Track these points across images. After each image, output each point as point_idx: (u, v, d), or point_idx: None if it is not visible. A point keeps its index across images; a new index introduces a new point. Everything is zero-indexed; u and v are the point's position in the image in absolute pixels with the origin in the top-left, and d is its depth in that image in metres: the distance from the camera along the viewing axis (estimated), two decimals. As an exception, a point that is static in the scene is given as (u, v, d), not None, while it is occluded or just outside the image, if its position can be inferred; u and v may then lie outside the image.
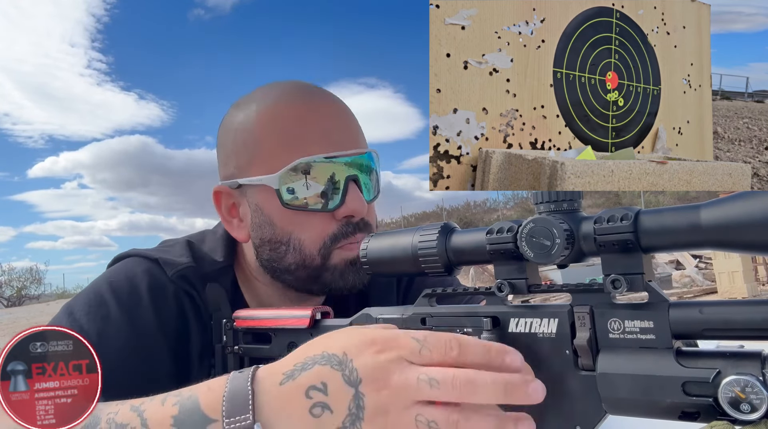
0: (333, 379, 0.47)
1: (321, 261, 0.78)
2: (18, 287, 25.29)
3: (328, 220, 0.78)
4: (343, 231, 0.78)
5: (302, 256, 0.78)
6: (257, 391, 0.49)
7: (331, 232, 0.78)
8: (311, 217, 0.77)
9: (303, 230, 0.78)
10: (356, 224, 0.78)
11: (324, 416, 0.47)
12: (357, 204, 0.77)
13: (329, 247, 0.78)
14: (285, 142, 0.77)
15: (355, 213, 0.77)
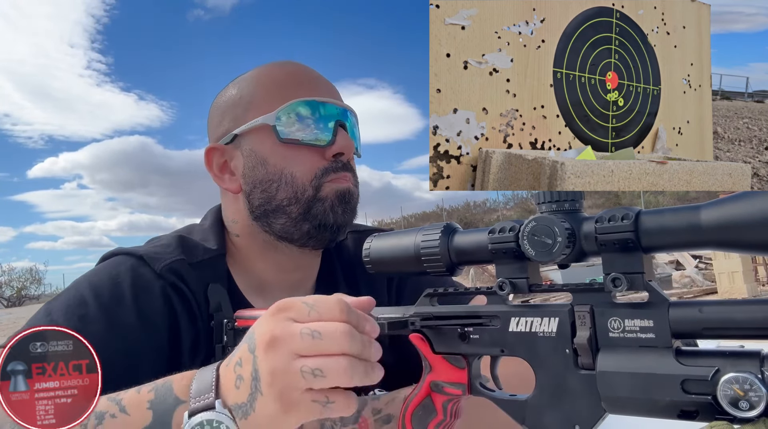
0: (243, 351, 0.53)
1: (313, 192, 0.83)
2: (18, 287, 25.29)
3: (319, 156, 0.83)
4: (333, 166, 0.84)
5: (294, 188, 0.83)
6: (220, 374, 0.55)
7: (322, 166, 0.83)
8: (303, 152, 0.83)
9: (295, 164, 0.83)
10: (345, 163, 0.85)
11: (241, 386, 0.52)
12: (346, 142, 0.84)
13: (320, 179, 0.83)
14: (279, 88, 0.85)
15: (344, 150, 0.84)
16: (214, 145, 0.87)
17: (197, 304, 0.80)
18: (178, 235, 0.87)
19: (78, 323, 0.73)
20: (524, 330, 0.51)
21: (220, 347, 0.79)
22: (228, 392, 0.53)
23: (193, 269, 0.81)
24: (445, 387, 0.57)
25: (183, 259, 0.81)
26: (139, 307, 0.77)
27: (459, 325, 0.55)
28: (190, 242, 0.85)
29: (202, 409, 0.52)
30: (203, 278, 0.82)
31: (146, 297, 0.77)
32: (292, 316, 0.52)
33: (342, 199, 0.84)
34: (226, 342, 0.79)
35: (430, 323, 0.58)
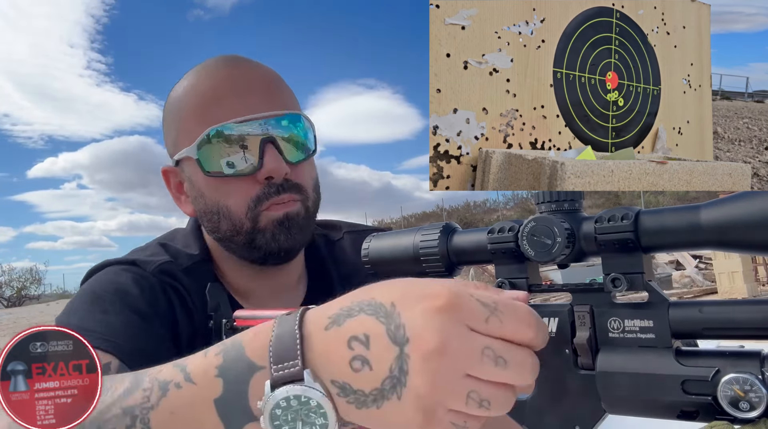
0: (377, 333, 0.41)
1: (251, 224, 0.79)
2: (18, 287, 25.29)
3: (250, 183, 0.78)
4: (267, 192, 0.78)
5: (232, 222, 0.79)
6: (305, 334, 0.44)
7: (254, 195, 0.78)
8: (233, 183, 0.78)
9: (228, 197, 0.79)
10: (280, 185, 0.79)
11: (363, 372, 0.41)
12: (274, 165, 0.77)
13: (255, 210, 0.78)
14: (200, 112, 0.79)
15: (273, 173, 0.78)
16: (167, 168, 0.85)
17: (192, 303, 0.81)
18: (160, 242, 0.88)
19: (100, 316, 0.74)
20: None
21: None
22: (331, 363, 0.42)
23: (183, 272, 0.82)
24: (445, 387, 0.57)
25: (172, 261, 0.82)
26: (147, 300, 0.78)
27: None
28: (172, 249, 0.85)
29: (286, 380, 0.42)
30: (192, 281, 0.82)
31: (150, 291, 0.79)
32: (467, 320, 0.40)
33: (283, 226, 0.79)
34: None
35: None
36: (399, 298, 0.42)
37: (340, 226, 1.00)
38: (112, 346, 0.70)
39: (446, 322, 0.40)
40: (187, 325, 0.80)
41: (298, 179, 0.81)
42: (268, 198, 0.78)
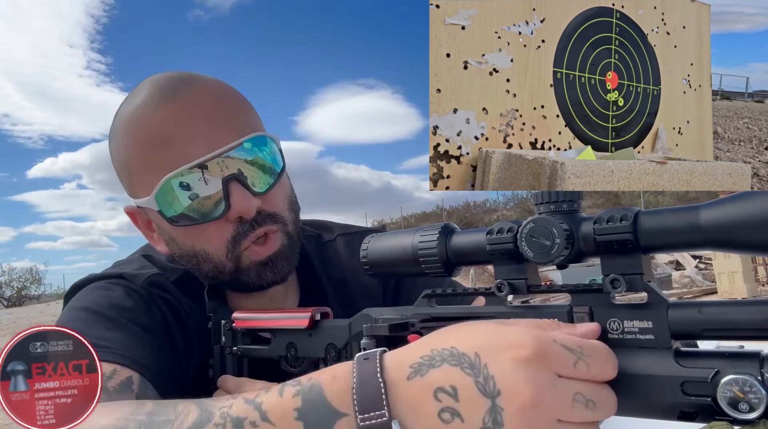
0: (465, 385, 0.41)
1: (233, 265, 0.75)
2: (18, 287, 25.29)
3: (222, 225, 0.73)
4: (241, 230, 0.74)
5: (214, 264, 0.76)
6: (388, 383, 0.43)
7: (229, 236, 0.74)
8: (204, 228, 0.73)
9: (202, 242, 0.75)
10: (254, 220, 0.74)
11: (454, 423, 0.41)
12: (243, 205, 0.72)
13: (235, 251, 0.74)
14: (150, 158, 0.73)
15: (243, 213, 0.72)
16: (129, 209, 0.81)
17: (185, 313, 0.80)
18: (144, 254, 0.86)
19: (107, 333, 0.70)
20: None
21: (218, 348, 0.80)
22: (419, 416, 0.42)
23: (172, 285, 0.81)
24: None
25: (161, 274, 0.80)
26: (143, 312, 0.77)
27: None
28: (157, 261, 0.83)
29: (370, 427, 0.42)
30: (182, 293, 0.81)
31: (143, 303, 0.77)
32: (556, 367, 0.41)
33: (267, 266, 0.76)
34: (225, 342, 0.79)
35: (429, 324, 0.58)
36: (482, 348, 0.42)
37: (333, 228, 0.98)
38: (130, 362, 0.67)
39: (537, 373, 0.40)
40: (181, 336, 0.79)
41: (271, 208, 0.76)
42: (245, 236, 0.74)
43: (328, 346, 0.69)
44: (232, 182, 0.72)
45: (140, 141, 0.73)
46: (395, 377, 0.43)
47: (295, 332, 0.72)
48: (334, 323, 0.70)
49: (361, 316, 0.65)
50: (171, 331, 0.78)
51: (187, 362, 0.79)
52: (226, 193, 0.71)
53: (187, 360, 0.79)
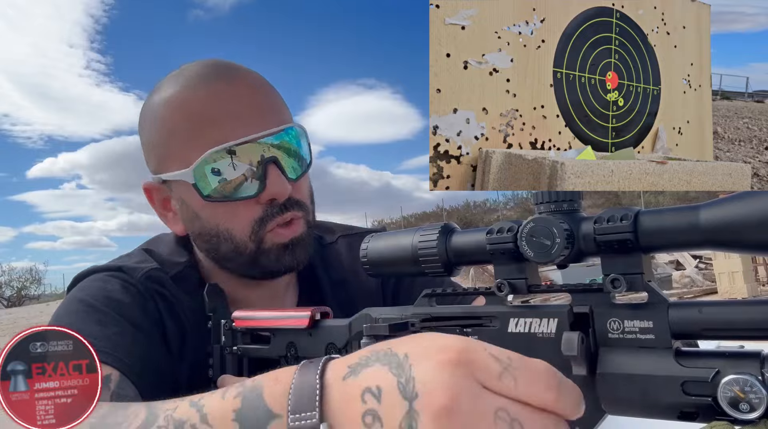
0: (388, 386, 0.38)
1: (255, 246, 0.77)
2: (18, 287, 25.32)
3: (252, 205, 0.76)
4: (270, 213, 0.76)
5: (234, 244, 0.77)
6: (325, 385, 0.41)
7: (257, 217, 0.76)
8: (234, 206, 0.76)
9: (229, 220, 0.76)
10: (283, 205, 0.76)
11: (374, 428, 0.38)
12: (278, 187, 0.75)
13: (259, 232, 0.77)
14: (194, 133, 0.74)
15: (278, 196, 0.75)
16: (148, 185, 0.82)
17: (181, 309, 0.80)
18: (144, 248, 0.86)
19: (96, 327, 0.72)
20: (523, 331, 0.51)
21: (218, 347, 0.80)
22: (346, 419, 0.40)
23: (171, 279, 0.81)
24: (445, 387, 0.57)
25: (159, 268, 0.81)
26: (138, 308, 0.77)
27: (458, 326, 0.55)
28: (157, 256, 0.84)
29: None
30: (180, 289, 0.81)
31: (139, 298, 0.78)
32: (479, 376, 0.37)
33: (288, 249, 0.78)
34: (225, 342, 0.79)
35: (429, 324, 0.58)
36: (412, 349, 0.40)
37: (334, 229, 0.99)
38: (112, 359, 0.68)
39: (457, 378, 0.37)
40: (176, 332, 0.79)
41: (299, 196, 0.79)
42: (272, 218, 0.76)
43: (328, 346, 0.69)
44: (271, 165, 0.75)
45: (185, 116, 0.75)
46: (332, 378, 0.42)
47: (295, 332, 0.72)
48: (334, 323, 0.70)
49: (361, 315, 0.65)
50: (165, 327, 0.79)
51: (181, 358, 0.79)
52: (263, 175, 0.74)
53: (181, 356, 0.79)
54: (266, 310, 0.77)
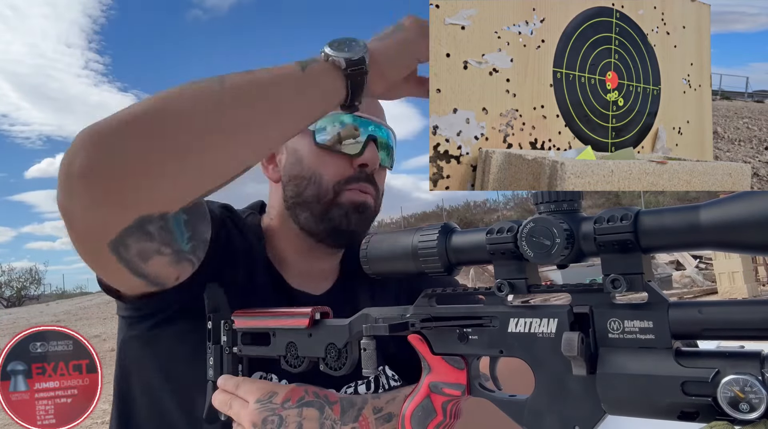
0: None
1: (333, 196, 0.90)
2: (18, 288, 25.29)
3: (346, 164, 0.90)
4: (356, 176, 0.90)
5: (319, 189, 0.90)
6: None
7: (346, 174, 0.90)
8: (334, 158, 0.90)
9: (324, 168, 0.90)
10: (368, 175, 0.91)
11: None
12: (372, 155, 0.90)
13: (341, 186, 0.90)
14: None
15: (370, 162, 0.90)
16: None
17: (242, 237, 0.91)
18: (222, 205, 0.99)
19: None
20: (523, 331, 0.51)
21: (218, 348, 0.80)
22: None
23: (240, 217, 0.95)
24: (445, 388, 0.57)
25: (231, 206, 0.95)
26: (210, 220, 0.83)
27: (458, 326, 0.55)
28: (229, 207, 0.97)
29: None
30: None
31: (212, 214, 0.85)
32: None
33: (357, 209, 0.90)
34: (225, 342, 0.79)
35: (429, 324, 0.58)
36: None
37: None
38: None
39: None
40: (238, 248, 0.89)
41: (379, 180, 0.95)
42: (356, 181, 0.90)
43: (328, 346, 0.69)
44: (372, 141, 0.92)
45: None
46: None
47: (295, 332, 0.72)
48: (333, 323, 0.70)
49: (361, 315, 0.65)
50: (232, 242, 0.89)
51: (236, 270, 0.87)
52: (365, 144, 0.91)
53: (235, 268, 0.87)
54: (266, 311, 0.77)
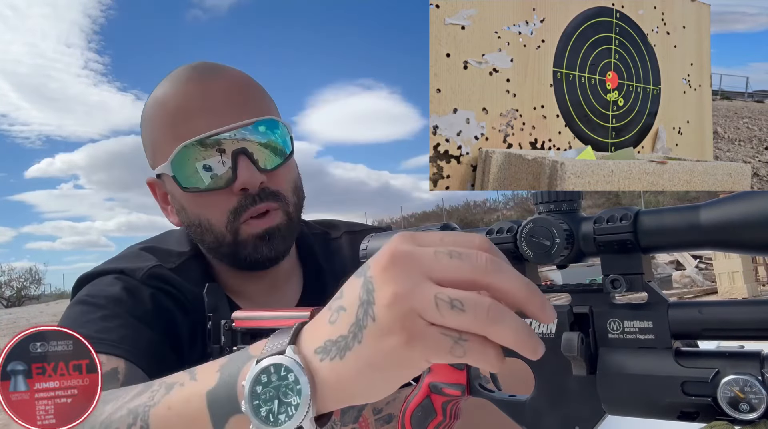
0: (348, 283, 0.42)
1: (232, 237, 0.80)
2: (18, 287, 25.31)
3: (226, 196, 0.78)
4: (243, 203, 0.78)
5: (214, 235, 0.80)
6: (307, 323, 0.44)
7: (231, 207, 0.79)
8: (210, 196, 0.79)
9: (207, 210, 0.80)
10: (256, 195, 0.79)
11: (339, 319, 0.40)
12: (248, 177, 0.77)
13: (234, 223, 0.79)
14: (170, 129, 0.79)
15: (248, 185, 0.77)
16: (151, 180, 0.86)
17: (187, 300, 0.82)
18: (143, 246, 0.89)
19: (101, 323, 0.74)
20: None
21: (218, 348, 0.80)
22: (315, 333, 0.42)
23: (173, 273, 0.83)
24: (444, 388, 0.57)
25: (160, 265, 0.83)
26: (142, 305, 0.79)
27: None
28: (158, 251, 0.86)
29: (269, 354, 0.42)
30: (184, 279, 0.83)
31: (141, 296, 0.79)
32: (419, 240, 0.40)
33: (264, 239, 0.80)
34: (224, 342, 0.79)
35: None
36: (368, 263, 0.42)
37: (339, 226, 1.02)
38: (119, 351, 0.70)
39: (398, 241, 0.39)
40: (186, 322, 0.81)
41: (275, 186, 0.81)
42: (245, 209, 0.78)
43: (328, 346, 0.69)
44: (241, 156, 0.77)
45: (165, 113, 0.80)
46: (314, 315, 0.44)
47: (295, 332, 0.72)
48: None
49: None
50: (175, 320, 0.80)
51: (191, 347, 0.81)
52: (234, 165, 0.77)
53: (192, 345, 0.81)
54: (266, 311, 0.77)
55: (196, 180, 0.78)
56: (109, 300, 0.77)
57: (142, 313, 0.77)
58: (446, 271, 0.38)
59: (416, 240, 0.40)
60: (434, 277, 0.37)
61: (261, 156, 0.79)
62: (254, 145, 0.78)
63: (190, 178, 0.78)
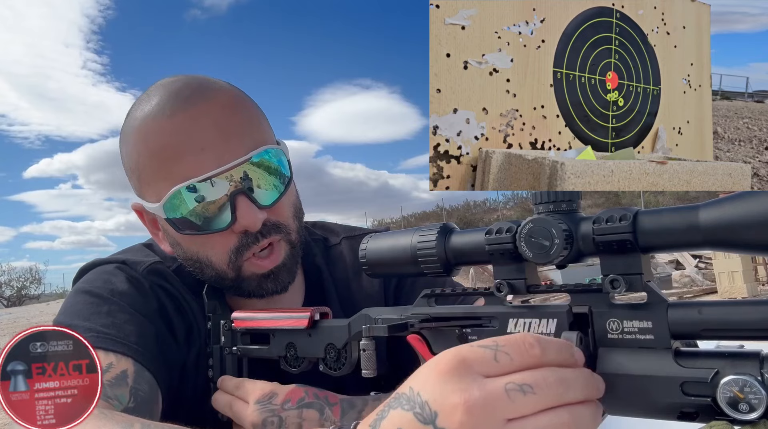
0: (406, 421, 0.41)
1: (234, 274, 0.77)
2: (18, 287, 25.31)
3: (226, 235, 0.74)
4: (245, 242, 0.75)
5: (216, 271, 0.77)
6: None
7: (233, 247, 0.75)
8: (209, 238, 0.75)
9: (207, 249, 0.76)
10: (258, 232, 0.75)
11: None
12: (249, 219, 0.73)
13: (237, 262, 0.76)
14: (160, 168, 0.73)
15: (249, 227, 0.73)
16: (137, 206, 0.81)
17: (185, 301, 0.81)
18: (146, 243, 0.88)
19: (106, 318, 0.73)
20: (522, 331, 0.51)
21: (218, 348, 0.80)
22: None
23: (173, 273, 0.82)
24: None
25: (161, 262, 0.82)
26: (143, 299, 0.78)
27: (457, 327, 0.55)
28: (159, 252, 0.85)
29: None
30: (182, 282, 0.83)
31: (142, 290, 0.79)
32: (478, 368, 0.41)
33: (268, 277, 0.77)
34: (224, 342, 0.79)
35: (429, 324, 0.58)
36: (414, 381, 0.43)
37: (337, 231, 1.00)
38: (126, 349, 0.70)
39: (460, 379, 0.40)
40: (181, 324, 0.80)
41: (277, 218, 0.77)
42: (249, 247, 0.75)
43: (328, 346, 0.69)
44: (239, 196, 0.72)
45: (151, 150, 0.74)
46: None
47: (295, 332, 0.72)
48: (333, 323, 0.70)
49: (361, 316, 0.65)
50: (170, 318, 0.80)
51: (188, 349, 0.81)
52: (233, 207, 0.72)
53: (188, 347, 0.81)
54: (266, 311, 0.77)
55: (192, 223, 0.73)
56: (113, 292, 0.76)
57: (144, 308, 0.77)
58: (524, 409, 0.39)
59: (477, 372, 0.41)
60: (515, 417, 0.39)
61: (260, 192, 0.75)
62: (252, 180, 0.74)
63: (186, 221, 0.73)
